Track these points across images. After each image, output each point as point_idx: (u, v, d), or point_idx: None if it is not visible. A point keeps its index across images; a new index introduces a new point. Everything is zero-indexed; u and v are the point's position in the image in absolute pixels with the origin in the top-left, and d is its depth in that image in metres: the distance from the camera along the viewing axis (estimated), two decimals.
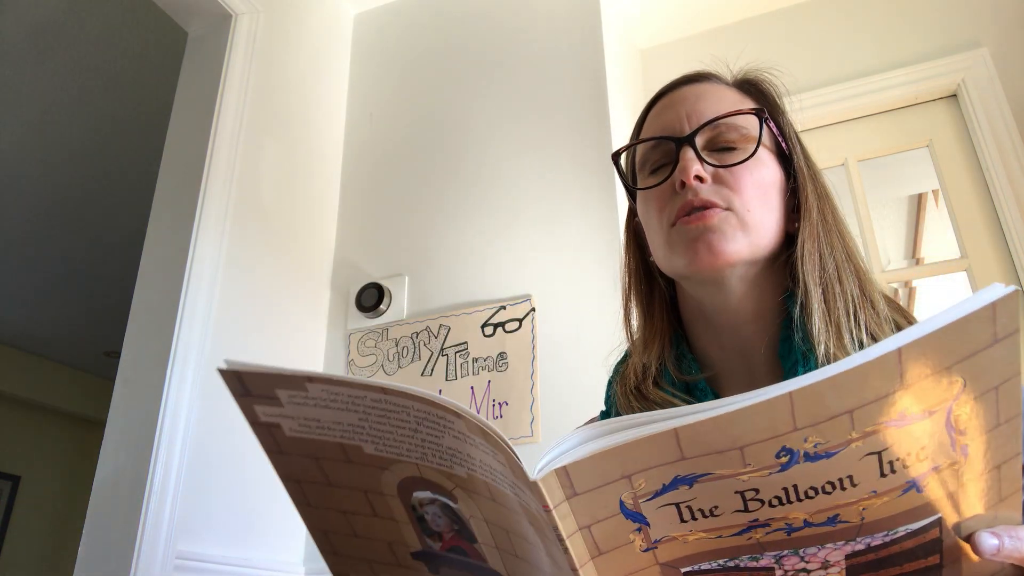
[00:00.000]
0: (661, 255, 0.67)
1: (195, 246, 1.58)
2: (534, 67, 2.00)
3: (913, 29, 2.12)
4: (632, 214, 0.77)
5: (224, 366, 0.43)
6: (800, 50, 2.21)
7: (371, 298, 1.89)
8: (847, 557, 0.40)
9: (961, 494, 0.39)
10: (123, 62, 2.54)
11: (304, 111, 2.05)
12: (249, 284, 1.72)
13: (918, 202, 2.52)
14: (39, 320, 4.46)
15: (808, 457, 0.36)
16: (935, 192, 2.28)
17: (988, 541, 0.40)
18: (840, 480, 0.37)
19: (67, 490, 5.07)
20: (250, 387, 0.44)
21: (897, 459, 0.37)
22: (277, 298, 1.80)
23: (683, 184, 0.63)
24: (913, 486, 0.38)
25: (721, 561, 0.41)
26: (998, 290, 0.34)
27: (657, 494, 0.38)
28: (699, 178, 0.63)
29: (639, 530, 0.39)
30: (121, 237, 3.55)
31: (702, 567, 0.41)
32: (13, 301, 4.23)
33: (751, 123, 0.66)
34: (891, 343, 0.34)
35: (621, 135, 1.85)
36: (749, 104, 0.69)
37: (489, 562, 0.45)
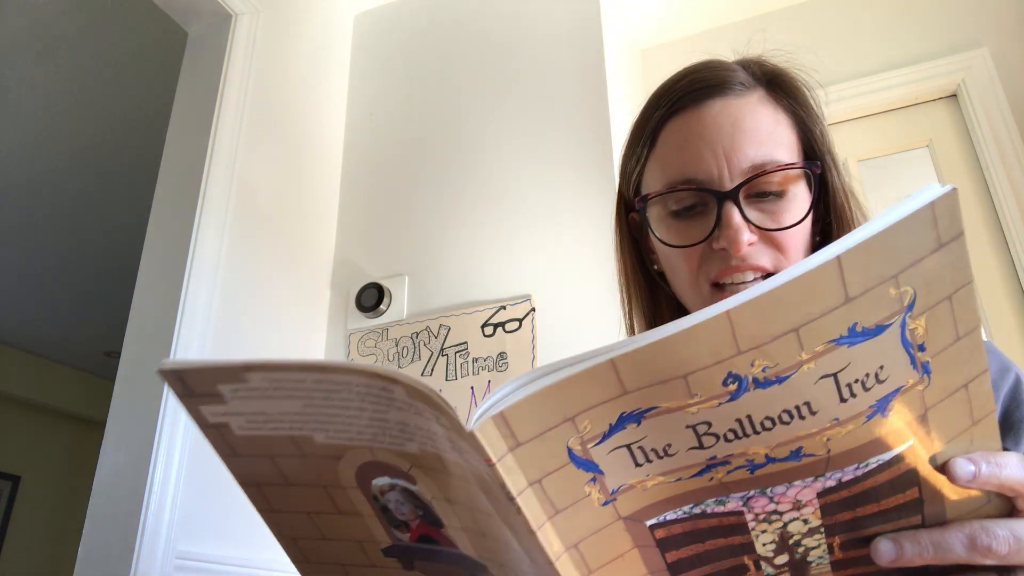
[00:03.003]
0: (692, 307, 0.64)
1: (195, 246, 1.58)
2: (534, 67, 2.00)
3: (913, 29, 2.12)
4: (626, 209, 0.70)
5: (163, 367, 0.41)
6: (800, 50, 2.21)
7: (371, 298, 1.89)
8: (819, 495, 0.38)
9: (930, 418, 0.37)
10: (123, 62, 2.54)
11: (304, 111, 2.05)
12: (249, 284, 1.72)
13: None
14: (39, 320, 4.46)
15: (758, 383, 0.34)
16: None
17: (964, 467, 0.37)
18: (797, 408, 0.35)
19: (67, 490, 5.07)
20: (192, 386, 0.41)
21: (856, 381, 0.34)
22: (277, 298, 1.80)
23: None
24: (878, 410, 0.35)
25: (686, 508, 0.39)
26: (935, 189, 0.32)
27: (605, 436, 0.36)
28: (748, 244, 0.58)
29: (594, 480, 0.37)
30: (121, 237, 3.55)
31: (667, 517, 0.39)
32: (13, 301, 4.23)
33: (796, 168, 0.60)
34: (829, 251, 0.31)
35: (621, 135, 1.85)
36: (784, 119, 0.63)
37: (459, 546, 0.43)
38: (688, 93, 0.62)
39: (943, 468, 0.38)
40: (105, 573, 1.32)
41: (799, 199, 0.60)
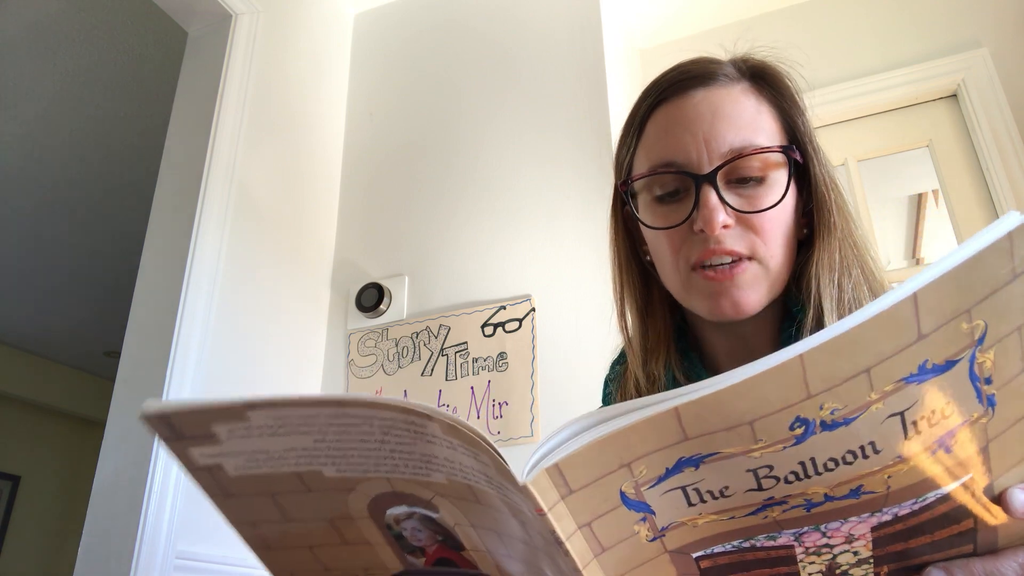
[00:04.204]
0: (677, 293, 0.64)
1: (195, 246, 1.58)
2: (534, 67, 2.00)
3: (913, 29, 2.12)
4: (620, 203, 0.71)
5: (147, 411, 0.37)
6: (800, 50, 2.21)
7: (371, 298, 1.89)
8: (873, 529, 0.37)
9: (991, 449, 0.36)
10: (123, 62, 2.54)
11: (304, 111, 2.05)
12: (249, 284, 1.72)
13: (918, 202, 2.51)
14: (39, 320, 4.46)
15: (825, 426, 0.33)
16: (935, 192, 2.28)
17: (1020, 497, 0.36)
18: (862, 448, 0.33)
19: (67, 490, 5.07)
20: (182, 429, 0.38)
21: (921, 418, 0.33)
22: (277, 298, 1.80)
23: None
24: (941, 446, 0.34)
25: (735, 542, 0.38)
26: (1014, 218, 0.30)
27: (660, 479, 0.35)
28: (724, 226, 0.59)
29: (644, 519, 0.36)
30: (121, 237, 3.55)
31: (715, 550, 0.38)
32: (13, 301, 4.23)
33: (776, 152, 0.61)
34: (905, 288, 0.30)
35: None
36: (766, 109, 0.64)
37: (480, 567, 0.42)
38: (674, 84, 0.64)
39: (999, 498, 0.37)
40: (105, 573, 1.32)
41: (779, 185, 0.61)
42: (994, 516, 0.37)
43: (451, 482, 0.38)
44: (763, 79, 0.65)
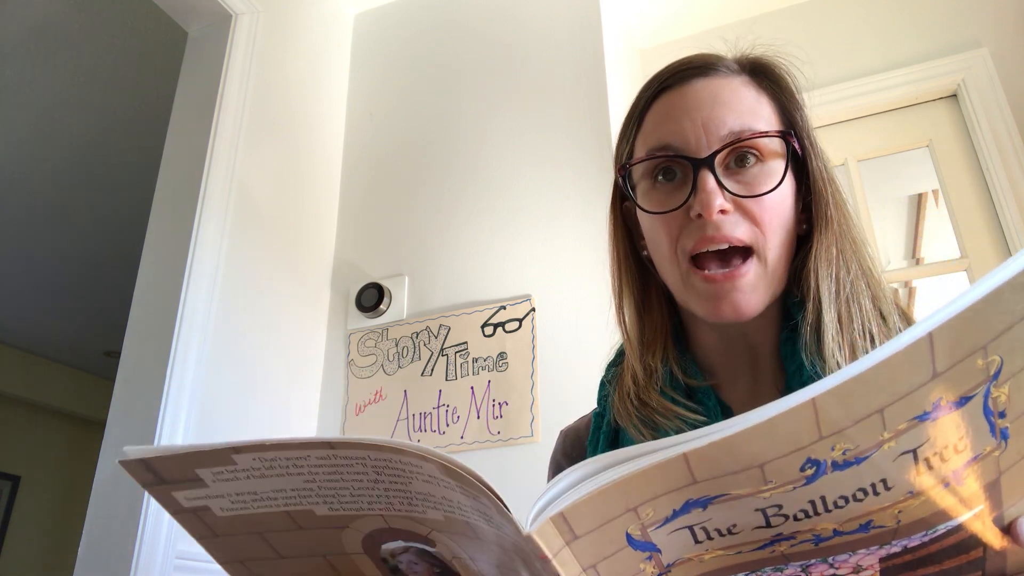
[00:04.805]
0: (675, 288, 0.64)
1: (195, 246, 1.58)
2: (534, 68, 2.00)
3: (913, 29, 2.12)
4: (620, 198, 0.71)
5: (126, 456, 0.36)
6: (800, 50, 2.21)
7: (371, 298, 1.89)
8: (881, 560, 0.37)
9: (1002, 481, 0.36)
10: (123, 62, 2.54)
11: (304, 111, 2.05)
12: (249, 284, 1.72)
13: (918, 202, 2.51)
14: (39, 320, 4.46)
15: (836, 466, 0.32)
16: (935, 192, 2.28)
17: None
18: (873, 485, 0.33)
19: (67, 490, 5.06)
20: (164, 474, 0.37)
21: (934, 454, 0.33)
22: (277, 298, 1.80)
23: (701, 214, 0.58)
24: (953, 480, 0.34)
25: (742, 575, 0.38)
26: None
27: (667, 520, 0.35)
28: (721, 210, 0.58)
29: (650, 558, 0.36)
30: (121, 237, 3.55)
31: None
32: (13, 301, 4.23)
33: (774, 138, 0.61)
34: (921, 328, 0.30)
35: None
36: (766, 100, 0.64)
37: None
38: (674, 74, 0.65)
39: (1009, 527, 0.37)
40: (105, 573, 1.32)
41: (777, 172, 0.60)
42: (1003, 543, 0.37)
43: (448, 519, 0.38)
44: (762, 73, 0.66)
